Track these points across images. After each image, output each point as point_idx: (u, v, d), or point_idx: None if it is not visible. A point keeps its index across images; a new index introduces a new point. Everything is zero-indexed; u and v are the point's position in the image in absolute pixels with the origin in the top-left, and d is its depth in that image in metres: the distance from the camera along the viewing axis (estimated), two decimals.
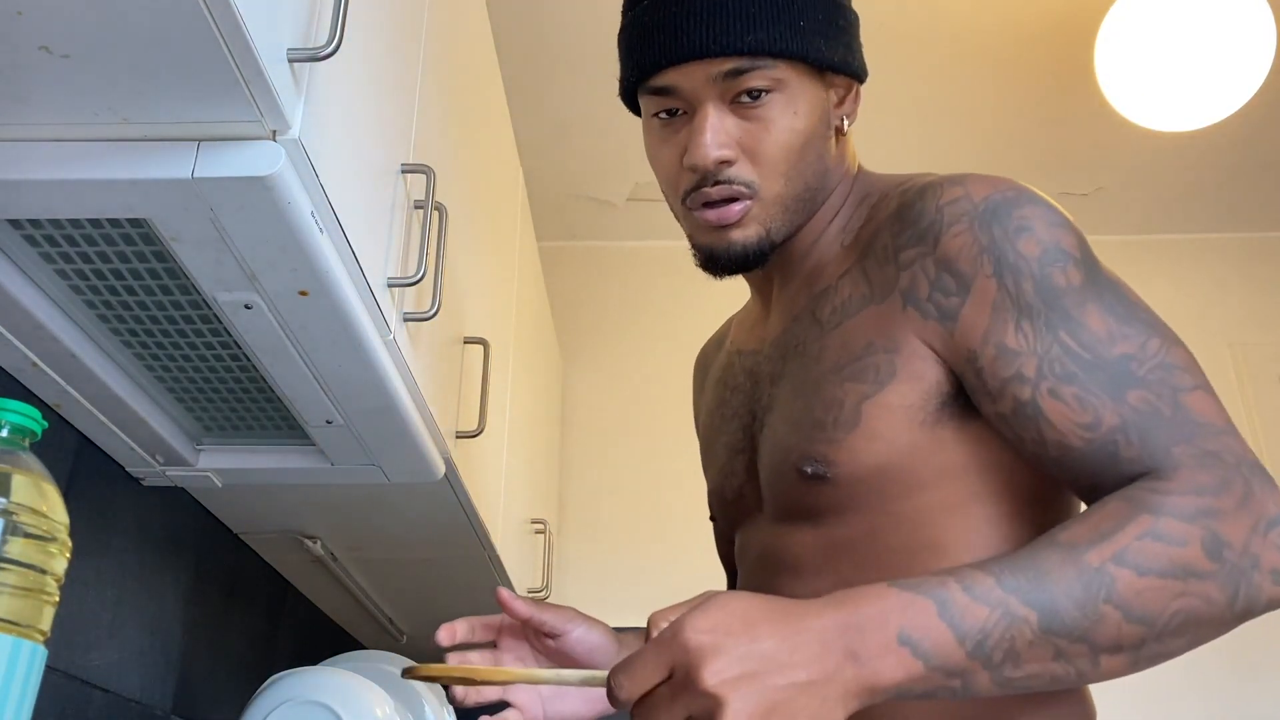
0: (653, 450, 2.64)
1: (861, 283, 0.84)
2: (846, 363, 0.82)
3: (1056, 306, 0.74)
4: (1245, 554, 0.66)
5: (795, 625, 0.61)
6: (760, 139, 0.84)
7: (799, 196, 0.87)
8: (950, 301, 0.77)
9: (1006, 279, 0.75)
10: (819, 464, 0.81)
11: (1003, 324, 0.75)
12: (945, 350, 0.78)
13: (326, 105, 0.77)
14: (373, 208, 0.92)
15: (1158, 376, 0.72)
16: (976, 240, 0.77)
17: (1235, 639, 2.39)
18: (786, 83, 0.84)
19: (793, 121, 0.84)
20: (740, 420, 0.94)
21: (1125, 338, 0.73)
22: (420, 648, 2.16)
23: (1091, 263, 0.77)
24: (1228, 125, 2.42)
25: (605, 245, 2.90)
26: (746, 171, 0.84)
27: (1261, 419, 2.59)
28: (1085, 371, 0.72)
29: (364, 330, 0.90)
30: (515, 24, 2.15)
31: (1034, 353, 0.74)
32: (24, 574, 0.64)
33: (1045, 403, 0.73)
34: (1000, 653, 0.63)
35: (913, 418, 0.79)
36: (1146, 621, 0.64)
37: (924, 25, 2.17)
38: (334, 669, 1.19)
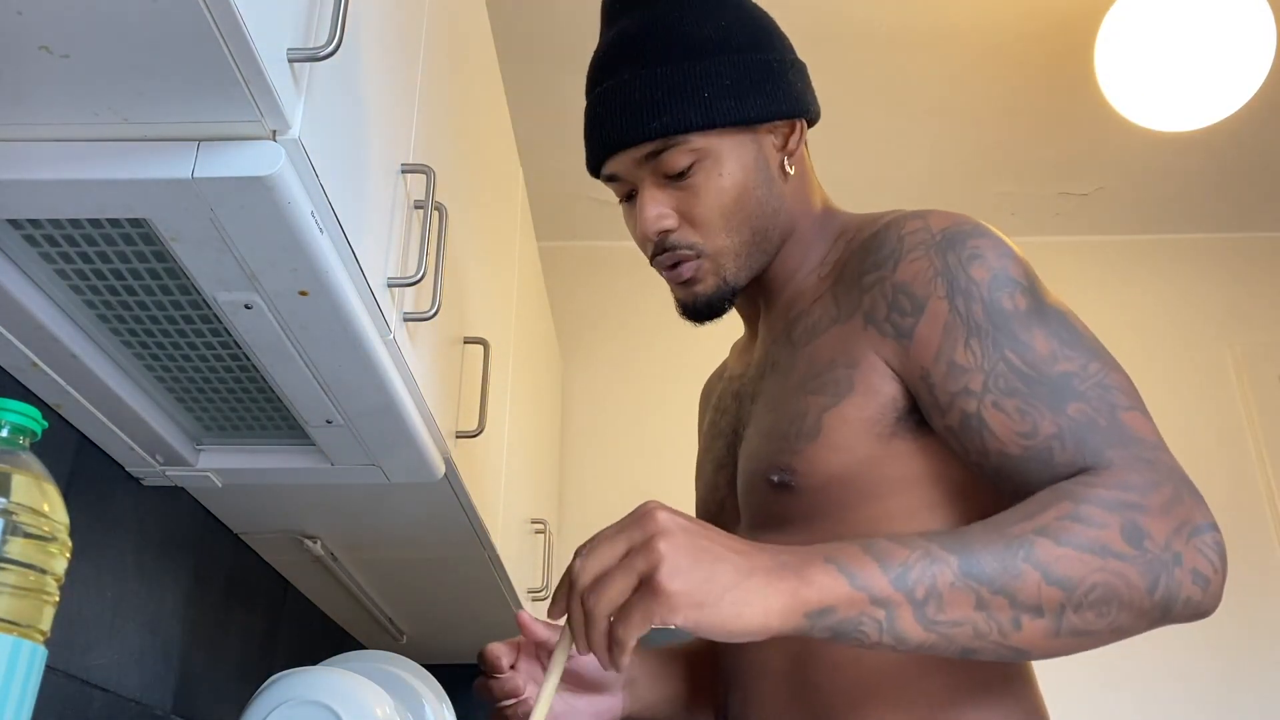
0: (653, 450, 2.64)
1: (831, 306, 0.90)
2: (811, 377, 0.88)
3: (1004, 328, 0.79)
4: (1167, 549, 0.69)
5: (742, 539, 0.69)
6: (693, 205, 0.92)
7: (749, 243, 0.94)
8: (906, 321, 0.83)
9: (958, 301, 0.81)
10: (785, 473, 0.86)
11: (953, 342, 0.80)
12: (901, 367, 0.83)
13: (326, 105, 0.77)
14: (373, 208, 0.92)
15: (1097, 394, 0.76)
16: (932, 265, 0.83)
17: (1228, 643, 2.39)
18: (706, 150, 0.92)
19: (719, 183, 0.92)
20: (725, 439, 1.00)
21: (1068, 358, 0.78)
22: (420, 648, 2.16)
23: (1038, 293, 0.82)
24: (1228, 125, 2.42)
25: (605, 245, 2.90)
26: (688, 235, 0.93)
27: (1261, 419, 2.59)
28: (1027, 385, 0.77)
29: (364, 330, 0.90)
30: (515, 24, 2.15)
31: (981, 369, 0.79)
32: (24, 574, 0.64)
33: (989, 414, 0.77)
34: (922, 588, 0.66)
35: (870, 429, 0.84)
36: (1065, 585, 0.67)
37: (924, 26, 2.17)
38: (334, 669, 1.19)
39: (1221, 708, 2.35)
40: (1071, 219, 2.78)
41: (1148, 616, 0.69)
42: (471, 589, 1.77)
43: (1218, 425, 2.61)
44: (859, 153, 2.52)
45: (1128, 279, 2.80)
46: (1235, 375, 2.66)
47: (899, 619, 0.66)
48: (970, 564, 0.67)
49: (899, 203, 2.70)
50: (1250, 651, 2.39)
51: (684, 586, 0.64)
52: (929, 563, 0.67)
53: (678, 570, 0.64)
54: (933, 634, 0.67)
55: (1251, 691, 2.36)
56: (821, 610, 0.66)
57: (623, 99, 0.92)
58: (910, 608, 0.66)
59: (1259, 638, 2.40)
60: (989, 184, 2.65)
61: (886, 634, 0.67)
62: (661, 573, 0.64)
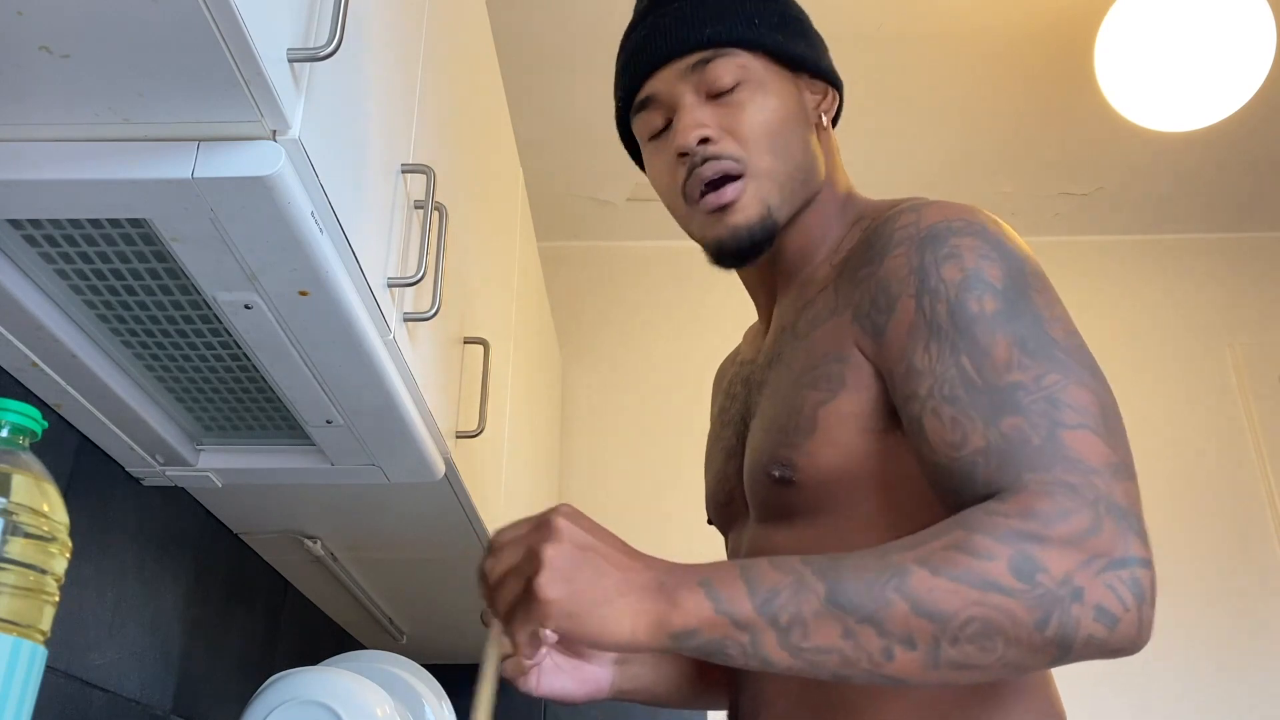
0: (653, 450, 2.64)
1: (832, 297, 0.88)
2: (808, 370, 0.86)
3: (965, 332, 0.76)
4: (1065, 583, 0.65)
5: (634, 551, 0.70)
6: (738, 118, 0.90)
7: (791, 174, 0.91)
8: (880, 318, 0.82)
9: (924, 301, 0.79)
10: (785, 468, 0.85)
11: (914, 344, 0.78)
12: (877, 363, 0.82)
13: (326, 105, 0.77)
14: (373, 208, 0.92)
15: (1041, 409, 0.72)
16: (909, 262, 0.81)
17: (1228, 643, 2.39)
18: (752, 70, 0.91)
19: (765, 101, 0.91)
20: (734, 427, 0.99)
21: (1023, 368, 0.74)
22: (420, 648, 2.16)
23: (1017, 294, 0.78)
24: (1228, 125, 2.42)
25: (605, 245, 2.90)
26: (731, 147, 0.90)
27: (1261, 419, 2.59)
28: (969, 394, 0.74)
29: (364, 330, 0.90)
30: (515, 24, 2.15)
31: (931, 373, 0.76)
32: (24, 574, 0.64)
33: (927, 421, 0.76)
34: (787, 615, 0.66)
35: (863, 425, 0.82)
36: (936, 619, 0.65)
37: (924, 26, 2.17)
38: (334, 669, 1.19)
39: (1222, 708, 2.35)
40: (1071, 219, 2.78)
41: (1043, 653, 0.65)
42: (471, 589, 1.77)
43: (1218, 425, 2.61)
44: (859, 153, 2.52)
45: (1127, 279, 2.80)
46: (1235, 375, 2.66)
47: (763, 643, 0.66)
48: (837, 592, 0.66)
49: None
50: (1250, 651, 2.39)
51: (558, 595, 0.66)
52: (797, 589, 0.66)
53: (555, 579, 0.67)
54: (799, 660, 0.66)
55: (1252, 691, 2.36)
56: (685, 632, 0.67)
57: (674, 17, 0.92)
58: (774, 633, 0.66)
59: (1259, 638, 2.40)
60: (989, 184, 2.65)
61: (752, 657, 0.67)
62: (540, 579, 0.67)
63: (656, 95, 0.93)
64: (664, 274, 2.85)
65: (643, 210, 2.75)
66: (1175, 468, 2.56)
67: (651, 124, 0.94)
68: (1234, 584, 2.44)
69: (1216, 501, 2.53)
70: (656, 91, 0.93)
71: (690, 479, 2.58)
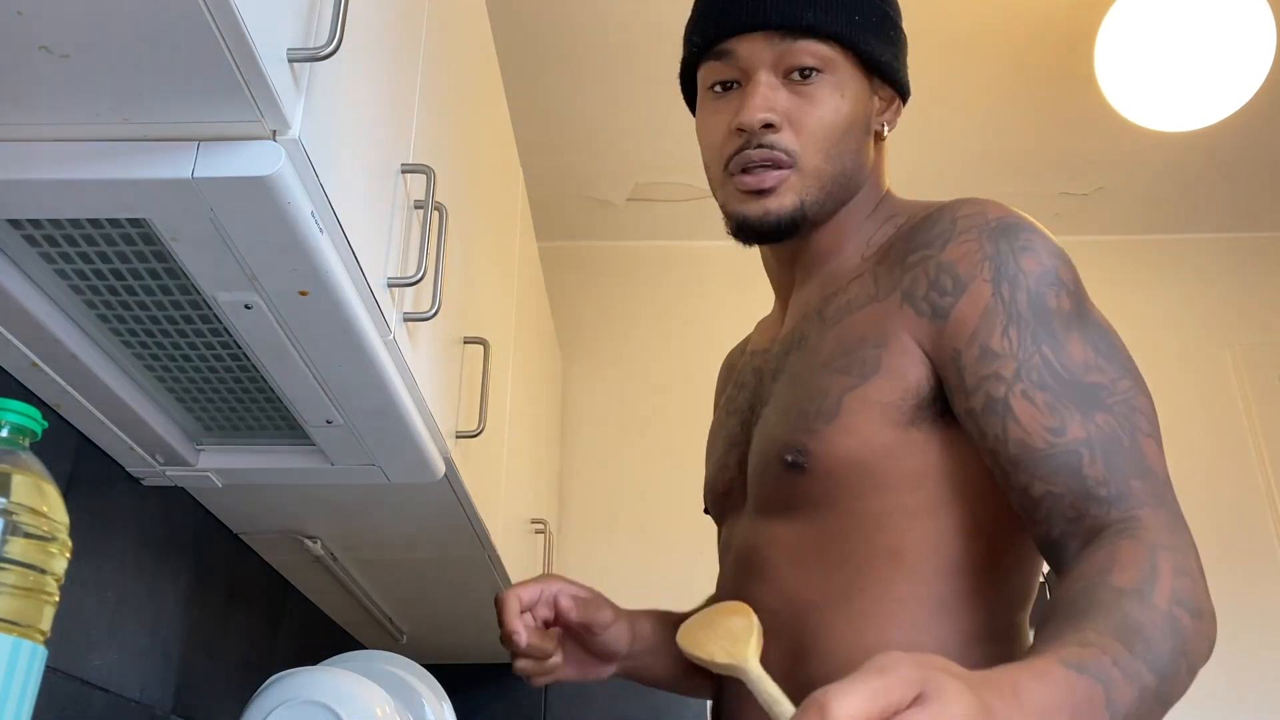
0: (653, 450, 2.64)
1: (870, 284, 0.87)
2: (839, 355, 0.85)
3: (1044, 323, 0.78)
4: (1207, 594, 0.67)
5: None
6: (806, 112, 0.89)
7: (836, 178, 0.90)
8: (945, 300, 0.81)
9: (1003, 287, 0.79)
10: (799, 453, 0.84)
11: (990, 327, 0.78)
12: (932, 347, 0.81)
13: (326, 105, 0.77)
14: (373, 208, 0.92)
15: (1123, 411, 0.74)
16: (982, 248, 0.81)
17: (1228, 643, 2.39)
18: (836, 66, 0.90)
19: (839, 103, 0.90)
20: (740, 415, 0.97)
21: (1100, 370, 0.76)
22: (420, 648, 2.16)
23: (1083, 299, 0.81)
24: (1228, 125, 2.42)
25: (605, 245, 2.90)
26: (789, 140, 0.89)
27: (1261, 419, 2.59)
28: (1059, 384, 0.75)
29: (364, 330, 0.90)
30: (515, 24, 2.15)
31: (1014, 357, 0.77)
32: (24, 574, 0.64)
33: (1016, 402, 0.76)
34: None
35: (887, 415, 0.81)
36: (1193, 672, 0.64)
37: (924, 25, 2.17)
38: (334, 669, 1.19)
39: (1221, 707, 2.35)
40: (1071, 219, 2.78)
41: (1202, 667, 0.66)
42: (471, 589, 1.77)
43: (1218, 425, 2.61)
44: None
45: (1128, 279, 2.80)
46: (1235, 375, 2.66)
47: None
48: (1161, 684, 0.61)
49: None
50: (1250, 651, 2.39)
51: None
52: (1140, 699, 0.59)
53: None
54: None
55: (1252, 691, 2.36)
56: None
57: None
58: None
59: (1259, 638, 2.40)
60: (989, 184, 2.65)
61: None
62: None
63: (736, 54, 0.91)
64: (664, 274, 2.85)
65: (643, 210, 2.75)
66: (1175, 468, 2.56)
67: (721, 75, 0.92)
68: (1234, 584, 2.44)
69: (1216, 501, 2.53)
70: (737, 51, 0.90)
71: (691, 479, 2.58)
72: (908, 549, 0.81)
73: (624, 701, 2.33)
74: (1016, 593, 0.83)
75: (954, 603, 0.80)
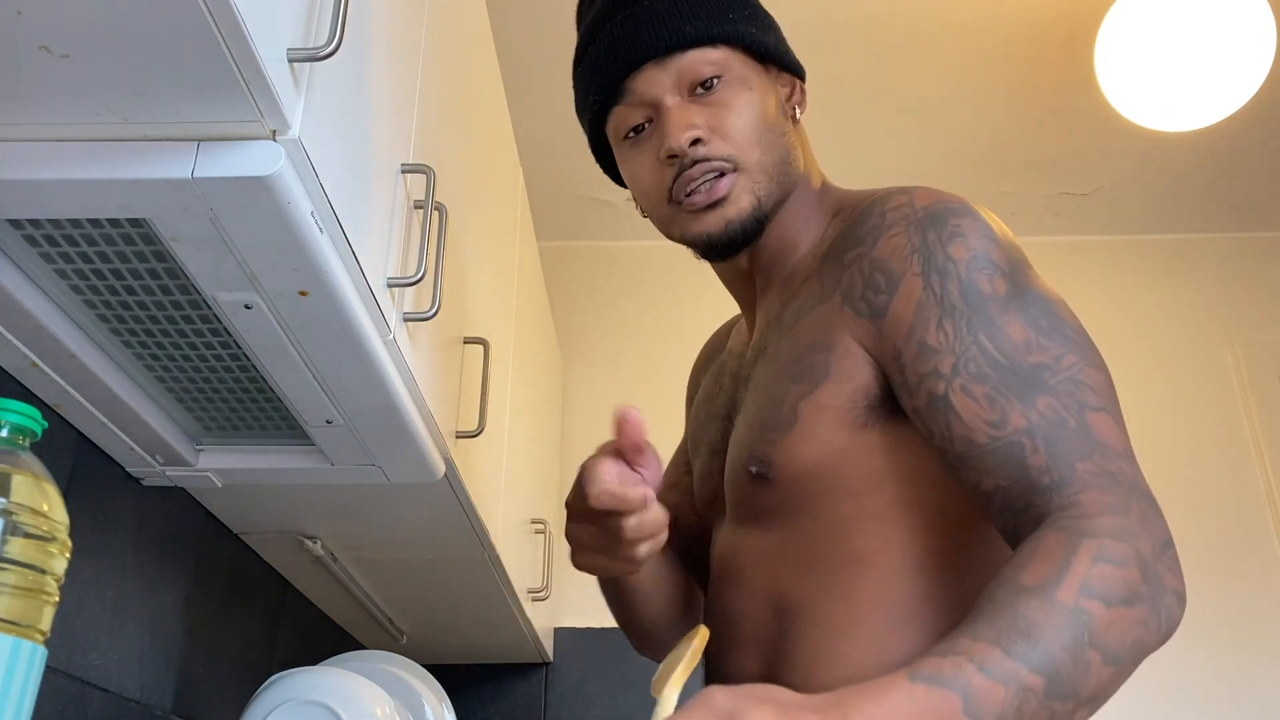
0: None
1: (817, 286, 0.87)
2: (792, 362, 0.85)
3: (979, 310, 0.76)
4: (1155, 574, 0.66)
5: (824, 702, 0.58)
6: (724, 117, 0.89)
7: (779, 166, 0.90)
8: (879, 299, 0.80)
9: (933, 279, 0.78)
10: (762, 464, 0.84)
11: (925, 322, 0.77)
12: (874, 347, 0.81)
13: (326, 105, 0.77)
14: (373, 208, 0.92)
15: (1067, 389, 0.73)
16: (910, 241, 0.80)
17: (1227, 643, 2.39)
18: (731, 66, 0.90)
19: (750, 97, 0.90)
20: (719, 422, 0.98)
21: (1042, 349, 0.75)
22: (420, 648, 2.16)
23: (1020, 277, 0.79)
24: (1228, 125, 2.42)
25: (605, 245, 2.90)
26: (721, 148, 0.88)
27: (1261, 419, 2.59)
28: (998, 373, 0.74)
29: (364, 330, 0.90)
30: (515, 24, 2.15)
31: (952, 351, 0.76)
32: (24, 574, 0.64)
33: (956, 398, 0.75)
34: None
35: (842, 419, 0.81)
36: (1116, 661, 0.64)
37: (923, 25, 2.17)
38: (334, 669, 1.19)
39: (1221, 708, 2.35)
40: (1071, 219, 2.78)
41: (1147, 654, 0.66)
42: (471, 589, 1.77)
43: (1218, 425, 2.61)
44: (857, 152, 2.52)
45: (1127, 279, 2.80)
46: (1235, 375, 2.66)
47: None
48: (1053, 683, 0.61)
49: None
50: (1250, 651, 2.39)
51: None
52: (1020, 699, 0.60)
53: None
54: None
55: (1252, 691, 2.36)
56: None
57: (648, 16, 0.90)
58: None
59: (1259, 637, 2.40)
60: (989, 184, 2.65)
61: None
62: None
63: (636, 93, 0.91)
64: (664, 274, 2.85)
65: None
66: (1175, 467, 2.56)
67: (629, 121, 0.92)
68: (1234, 584, 2.44)
69: (1216, 501, 2.53)
70: (636, 89, 0.91)
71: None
72: (872, 552, 0.81)
73: (624, 701, 2.33)
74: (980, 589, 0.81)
75: (920, 602, 0.80)
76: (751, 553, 0.88)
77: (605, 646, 2.38)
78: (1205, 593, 2.44)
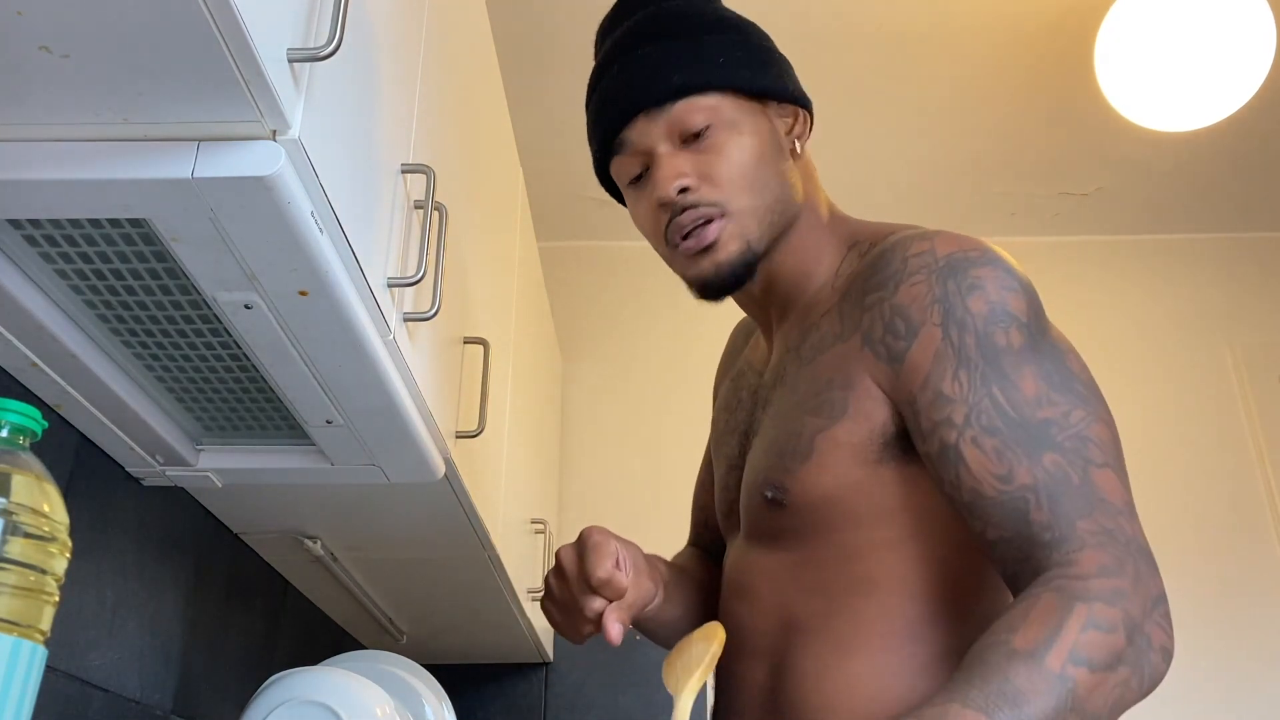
0: (653, 450, 2.64)
1: (836, 322, 0.90)
2: (810, 396, 0.88)
3: (994, 363, 0.79)
4: (1143, 634, 0.69)
5: None
6: (714, 164, 0.91)
7: (770, 208, 0.93)
8: (899, 344, 0.83)
9: (951, 330, 0.81)
10: (777, 490, 0.88)
11: (941, 371, 0.80)
12: (891, 390, 0.83)
13: (326, 105, 0.77)
14: (373, 208, 0.92)
15: (1073, 445, 0.76)
16: (931, 291, 0.83)
17: (1227, 643, 2.39)
18: (721, 111, 0.92)
19: (740, 141, 0.92)
20: (738, 438, 1.01)
21: (1052, 404, 0.78)
22: (420, 648, 2.16)
23: (1038, 329, 0.82)
24: (1228, 125, 2.42)
25: (605, 245, 2.90)
26: (710, 194, 0.91)
27: (1261, 419, 2.59)
28: (1008, 427, 0.77)
29: (364, 330, 0.90)
30: (515, 24, 2.15)
31: (965, 401, 0.78)
32: (24, 574, 0.64)
33: (967, 449, 0.77)
34: None
35: (858, 455, 0.84)
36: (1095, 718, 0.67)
37: (923, 25, 2.17)
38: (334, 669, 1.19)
39: (1221, 708, 2.35)
40: (1071, 219, 2.78)
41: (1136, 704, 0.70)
42: (471, 589, 1.77)
43: (1218, 425, 2.61)
44: (858, 153, 2.52)
45: (1127, 279, 2.80)
46: (1235, 375, 2.66)
47: None
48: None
49: (898, 203, 2.70)
50: (1250, 651, 2.39)
51: None
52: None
53: None
54: None
55: (1252, 691, 2.36)
56: None
57: (640, 67, 0.93)
58: None
59: (1259, 637, 2.40)
60: (989, 184, 2.65)
61: None
62: None
63: (631, 143, 0.94)
64: (664, 274, 2.85)
65: None
66: (1175, 468, 2.56)
67: (629, 170, 0.96)
68: (1234, 584, 2.44)
69: (1216, 501, 2.53)
70: (631, 140, 0.94)
71: (690, 479, 2.58)
72: (879, 578, 0.84)
73: (624, 701, 2.33)
74: (984, 613, 0.85)
75: (922, 626, 0.83)
76: (763, 571, 0.91)
77: (605, 647, 2.37)
78: (1205, 593, 2.44)
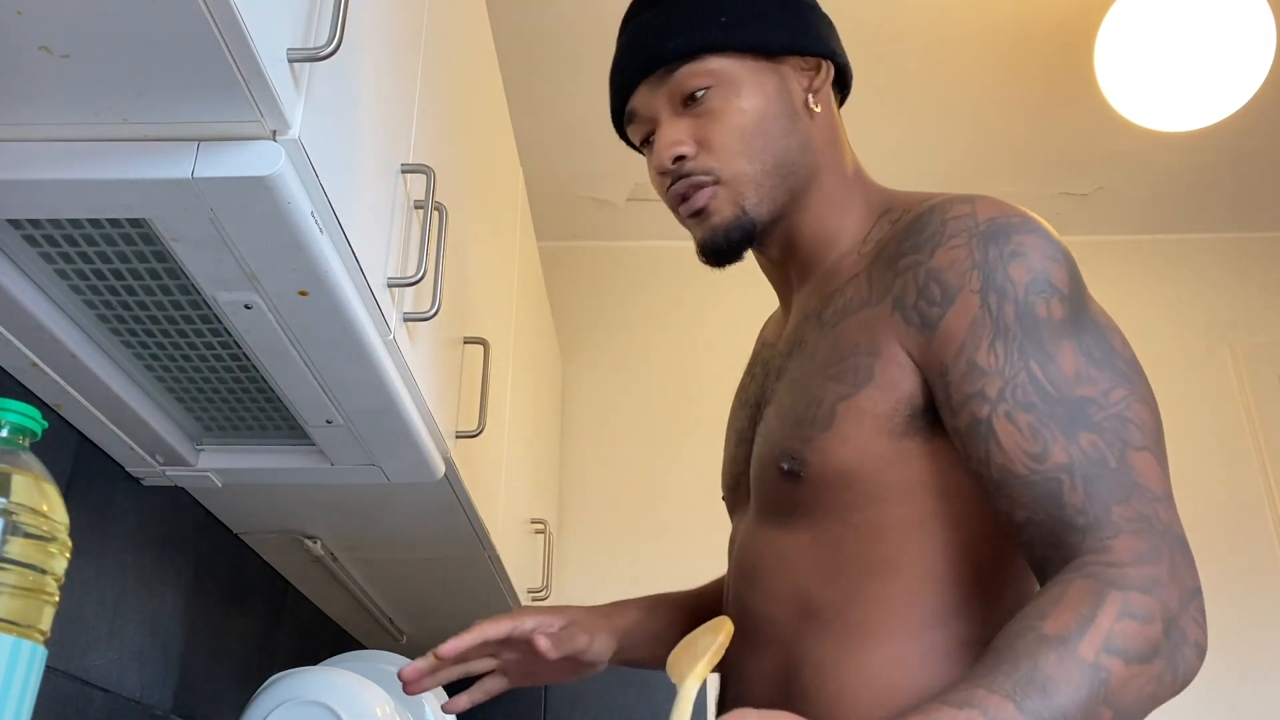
0: (653, 450, 2.64)
1: (864, 287, 0.85)
2: (833, 362, 0.84)
3: (1033, 335, 0.75)
4: (1178, 627, 0.67)
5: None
6: (710, 129, 0.90)
7: (769, 172, 0.90)
8: (933, 311, 0.79)
9: (990, 298, 0.76)
10: (795, 461, 0.83)
11: (977, 341, 0.76)
12: (921, 358, 0.79)
13: (326, 105, 0.77)
14: (373, 208, 0.92)
15: (1112, 426, 0.72)
16: (970, 256, 0.78)
17: (1228, 643, 2.39)
18: (721, 73, 0.90)
19: (738, 104, 0.90)
20: (749, 410, 0.97)
21: (1091, 381, 0.74)
22: (420, 647, 2.16)
23: (1079, 302, 0.78)
24: (1228, 125, 2.42)
25: (605, 245, 2.90)
26: (705, 161, 0.90)
27: (1261, 419, 2.59)
28: (1044, 403, 0.73)
29: (364, 330, 0.90)
30: (515, 24, 2.15)
31: (1000, 374, 0.74)
32: (24, 574, 0.64)
33: (999, 424, 0.74)
34: None
35: (881, 426, 0.80)
36: (1127, 716, 0.64)
37: (924, 25, 2.17)
38: (334, 669, 1.19)
39: (1221, 708, 2.35)
40: (1071, 219, 2.78)
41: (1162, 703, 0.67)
42: (471, 589, 1.77)
43: (1218, 425, 2.61)
44: (858, 152, 2.52)
45: (1128, 279, 2.80)
46: (1235, 375, 2.66)
47: None
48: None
49: None
50: (1250, 652, 2.39)
51: None
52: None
53: None
54: None
55: (1252, 691, 2.36)
56: None
57: (641, 33, 0.93)
58: None
59: (1259, 637, 2.40)
60: (989, 184, 2.65)
61: None
62: None
63: (637, 110, 0.94)
64: (664, 274, 2.85)
65: (643, 210, 2.75)
66: (1175, 468, 2.56)
67: (640, 135, 0.97)
68: (1234, 584, 2.44)
69: (1216, 501, 2.53)
70: (636, 107, 0.94)
71: (691, 479, 2.58)
72: (901, 561, 0.80)
73: (624, 700, 2.33)
74: (1011, 601, 0.81)
75: (947, 612, 0.79)
76: (775, 552, 0.87)
77: None
78: (1205, 593, 2.43)
